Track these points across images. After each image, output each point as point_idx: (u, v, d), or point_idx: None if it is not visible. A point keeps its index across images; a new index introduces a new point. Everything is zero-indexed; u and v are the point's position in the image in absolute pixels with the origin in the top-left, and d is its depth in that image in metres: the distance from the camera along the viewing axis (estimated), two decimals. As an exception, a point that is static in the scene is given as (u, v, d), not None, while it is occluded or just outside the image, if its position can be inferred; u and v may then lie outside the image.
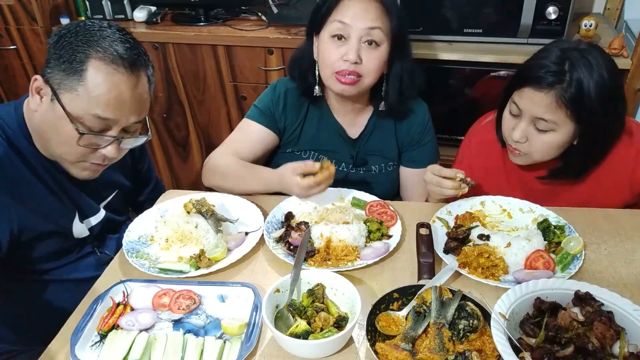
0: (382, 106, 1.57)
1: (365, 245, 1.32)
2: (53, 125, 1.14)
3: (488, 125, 1.58)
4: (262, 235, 1.34)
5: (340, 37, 1.43)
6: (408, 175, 1.70)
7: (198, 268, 1.24)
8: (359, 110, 1.62)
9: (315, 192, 1.35)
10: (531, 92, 1.29)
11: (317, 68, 1.53)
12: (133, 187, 1.58)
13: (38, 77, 1.14)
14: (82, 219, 1.36)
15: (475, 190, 1.47)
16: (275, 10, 2.44)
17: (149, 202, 1.54)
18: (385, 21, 1.43)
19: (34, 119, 1.18)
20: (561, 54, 1.28)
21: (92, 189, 1.38)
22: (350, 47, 1.42)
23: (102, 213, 1.42)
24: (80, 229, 1.35)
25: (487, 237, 1.29)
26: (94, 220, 1.40)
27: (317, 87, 1.55)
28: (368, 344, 0.99)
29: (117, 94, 1.12)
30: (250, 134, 1.61)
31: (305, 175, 1.34)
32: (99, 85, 1.10)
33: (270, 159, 1.71)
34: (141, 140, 1.24)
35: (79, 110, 1.11)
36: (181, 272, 1.23)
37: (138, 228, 1.39)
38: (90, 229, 1.39)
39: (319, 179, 1.32)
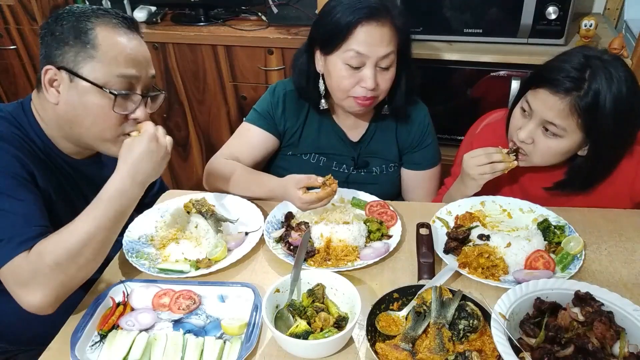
0: (385, 110, 1.56)
1: (365, 245, 1.32)
2: (82, 105, 1.16)
3: (488, 130, 1.57)
4: (262, 235, 1.34)
5: (356, 67, 1.40)
6: (410, 177, 1.69)
7: (198, 268, 1.24)
8: (360, 115, 1.62)
9: (316, 207, 1.35)
10: (546, 94, 1.27)
11: (320, 81, 1.51)
12: None
13: (49, 67, 1.14)
14: None
15: (476, 193, 1.46)
16: (275, 10, 2.44)
17: (153, 204, 1.54)
18: (395, 41, 1.41)
19: (58, 111, 1.18)
20: (584, 60, 1.24)
21: (99, 188, 1.38)
22: (367, 75, 1.39)
23: None
24: None
25: (487, 237, 1.29)
26: None
27: (323, 101, 1.54)
28: (368, 344, 0.99)
29: (131, 50, 1.17)
30: (250, 138, 1.61)
31: (308, 188, 1.34)
32: (113, 45, 1.14)
33: (271, 161, 1.71)
34: (161, 96, 1.28)
35: (102, 77, 1.14)
36: (181, 272, 1.23)
37: (138, 228, 1.39)
38: None
39: (321, 195, 1.31)
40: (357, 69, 1.40)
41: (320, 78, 1.51)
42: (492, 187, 1.49)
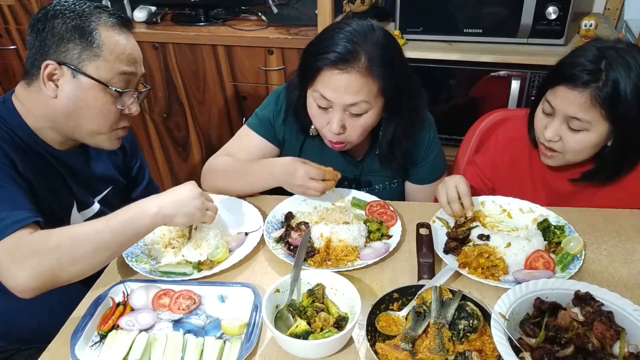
0: (379, 151, 1.52)
1: (365, 245, 1.32)
2: (84, 100, 1.20)
3: (517, 122, 1.55)
4: (262, 235, 1.34)
5: (325, 108, 1.35)
6: (415, 190, 1.67)
7: (200, 270, 1.24)
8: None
9: (315, 193, 1.34)
10: (565, 91, 1.27)
11: None
12: (126, 184, 1.58)
13: (50, 62, 1.17)
14: (80, 209, 1.37)
15: (497, 188, 1.44)
16: (275, 10, 2.44)
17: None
18: (371, 87, 1.31)
19: (56, 104, 1.20)
20: (598, 52, 1.24)
21: (87, 183, 1.39)
22: (332, 118, 1.35)
23: (96, 206, 1.42)
24: (78, 219, 1.36)
25: (487, 237, 1.29)
26: (90, 212, 1.41)
27: (312, 127, 1.49)
28: (368, 344, 0.99)
29: (130, 49, 1.24)
30: (249, 144, 1.58)
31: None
32: (116, 45, 1.21)
33: None
34: (147, 91, 1.34)
35: (106, 74, 1.20)
36: (184, 274, 1.23)
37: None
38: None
39: (325, 171, 1.34)
40: (325, 109, 1.36)
41: None
42: (515, 182, 1.47)
